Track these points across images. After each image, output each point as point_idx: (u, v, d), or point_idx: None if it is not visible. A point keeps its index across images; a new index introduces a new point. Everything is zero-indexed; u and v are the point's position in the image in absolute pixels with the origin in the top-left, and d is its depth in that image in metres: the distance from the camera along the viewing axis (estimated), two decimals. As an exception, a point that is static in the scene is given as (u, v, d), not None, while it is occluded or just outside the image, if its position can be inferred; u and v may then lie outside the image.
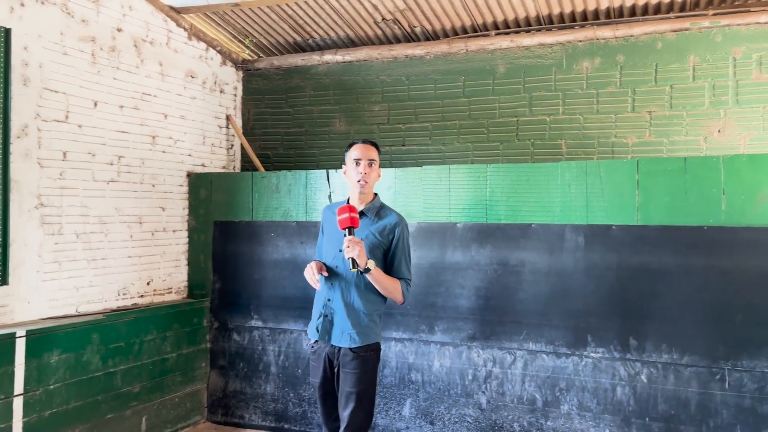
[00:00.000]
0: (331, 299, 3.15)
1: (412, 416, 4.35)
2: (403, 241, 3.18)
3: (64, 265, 4.07)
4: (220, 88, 5.52)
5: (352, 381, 3.07)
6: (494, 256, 4.16)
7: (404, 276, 3.19)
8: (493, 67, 5.04)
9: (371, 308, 3.14)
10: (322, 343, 3.17)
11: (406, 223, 3.24)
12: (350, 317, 3.09)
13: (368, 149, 3.16)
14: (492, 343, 4.15)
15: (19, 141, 3.78)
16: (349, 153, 3.19)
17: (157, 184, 4.82)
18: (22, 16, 3.81)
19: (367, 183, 3.14)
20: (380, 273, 3.07)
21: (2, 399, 3.49)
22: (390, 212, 3.23)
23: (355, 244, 2.91)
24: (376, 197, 3.25)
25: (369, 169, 3.13)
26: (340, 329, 3.10)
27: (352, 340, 3.08)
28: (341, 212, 2.98)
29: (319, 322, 3.17)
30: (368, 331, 3.12)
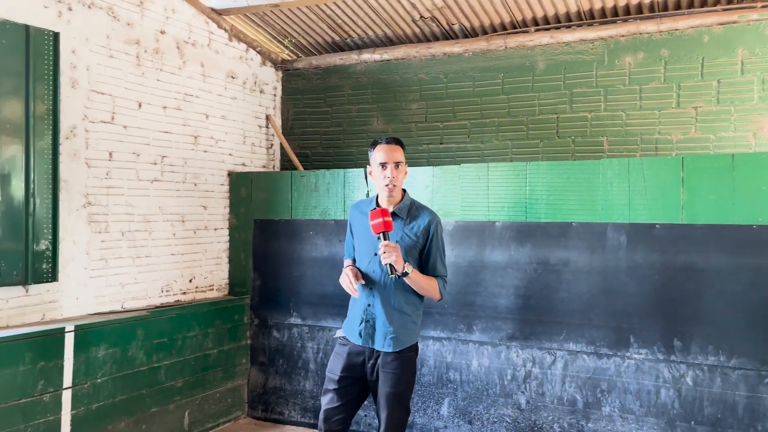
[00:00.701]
0: (371, 304, 3.08)
1: (450, 415, 4.33)
2: (437, 238, 3.12)
3: (111, 262, 4.19)
4: (260, 88, 5.60)
5: (394, 382, 3.02)
6: (534, 255, 4.11)
7: (441, 273, 3.15)
8: (533, 64, 4.98)
9: (411, 309, 3.10)
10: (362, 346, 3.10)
11: (439, 218, 3.17)
12: (393, 321, 3.04)
13: (393, 150, 3.06)
14: (531, 342, 4.11)
15: (68, 142, 3.90)
16: (374, 154, 3.09)
17: (199, 183, 4.91)
18: (70, 20, 3.92)
19: (396, 186, 3.07)
20: (418, 275, 3.02)
21: (52, 392, 3.61)
22: (422, 209, 3.16)
23: (391, 250, 2.87)
24: (405, 195, 3.17)
25: (396, 172, 3.05)
26: (383, 333, 3.05)
27: (396, 344, 3.04)
28: (374, 217, 2.92)
29: (362, 328, 3.09)
30: (410, 333, 3.09)
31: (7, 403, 3.37)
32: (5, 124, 3.50)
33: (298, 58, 5.84)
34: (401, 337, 3.05)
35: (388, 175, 3.04)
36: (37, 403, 3.53)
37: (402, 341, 3.05)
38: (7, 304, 3.59)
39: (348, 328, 3.18)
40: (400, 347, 3.04)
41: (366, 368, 3.09)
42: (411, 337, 3.09)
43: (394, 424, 3.02)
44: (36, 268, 3.66)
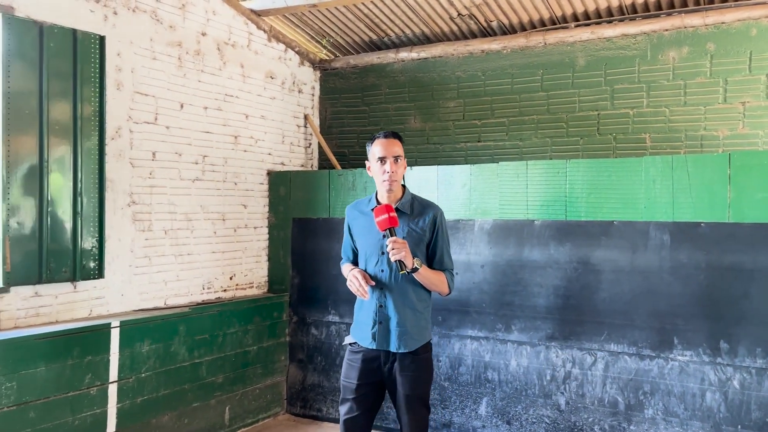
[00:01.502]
0: (383, 305, 2.99)
1: (489, 415, 4.31)
2: (443, 231, 3.06)
3: (154, 260, 4.29)
4: (298, 88, 5.65)
5: (414, 384, 2.97)
6: (574, 254, 4.05)
7: (448, 267, 3.08)
8: (573, 60, 4.90)
9: (423, 306, 3.04)
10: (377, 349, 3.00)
11: (442, 211, 3.11)
12: (407, 320, 2.97)
13: (391, 144, 2.99)
14: (571, 343, 4.05)
15: (113, 142, 4.01)
16: (372, 149, 3.03)
17: (239, 182, 4.99)
18: (115, 24, 4.03)
19: (396, 181, 2.99)
20: (426, 270, 2.96)
21: (99, 385, 3.72)
22: (425, 203, 3.09)
23: (400, 246, 2.80)
24: (406, 190, 3.08)
25: (395, 166, 2.97)
26: (398, 334, 2.96)
27: (412, 343, 2.97)
28: (379, 213, 2.85)
29: (375, 331, 2.98)
30: (424, 331, 3.03)
31: (57, 396, 3.49)
32: (54, 126, 3.62)
33: (335, 57, 5.87)
34: (416, 335, 2.98)
35: (387, 170, 2.96)
36: (85, 396, 3.64)
37: (417, 340, 2.98)
38: (56, 299, 3.71)
39: (358, 333, 3.07)
40: (416, 346, 2.98)
41: (383, 372, 3.01)
42: (425, 335, 3.03)
43: (419, 425, 2.98)
44: (83, 265, 3.77)
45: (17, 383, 3.31)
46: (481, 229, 4.37)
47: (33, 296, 3.61)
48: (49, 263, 3.60)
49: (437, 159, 5.36)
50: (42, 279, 3.58)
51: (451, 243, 4.42)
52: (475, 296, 4.36)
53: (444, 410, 4.46)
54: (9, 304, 3.49)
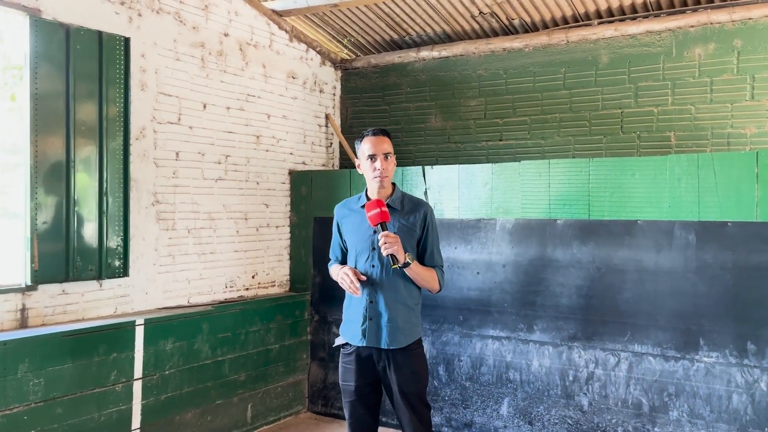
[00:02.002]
0: (374, 301, 2.98)
1: (510, 415, 4.28)
2: (433, 227, 3.08)
3: (177, 258, 4.33)
4: (319, 87, 5.67)
5: (410, 380, 2.96)
6: (597, 254, 4.01)
7: (438, 263, 3.09)
8: (596, 58, 4.85)
9: (414, 302, 3.04)
10: (367, 347, 2.99)
11: (432, 208, 3.14)
12: (399, 316, 2.97)
13: (381, 141, 2.99)
14: (594, 343, 4.01)
15: (138, 142, 4.06)
16: (361, 147, 3.03)
17: (261, 181, 5.02)
18: (140, 26, 4.08)
19: (387, 177, 2.99)
20: (418, 265, 2.97)
21: (124, 382, 3.77)
22: (416, 200, 3.12)
23: (392, 240, 2.82)
24: (396, 188, 3.10)
25: (386, 163, 2.97)
26: (389, 330, 2.95)
27: (404, 339, 2.96)
28: (370, 209, 2.86)
29: (365, 327, 2.97)
30: (415, 326, 3.03)
31: (83, 392, 3.55)
32: (81, 126, 3.68)
33: (356, 57, 5.88)
34: (407, 332, 2.98)
35: (378, 167, 2.96)
36: (110, 393, 3.69)
37: (408, 336, 2.98)
38: (82, 297, 3.78)
39: (348, 332, 3.06)
40: (407, 342, 2.98)
41: (377, 369, 3.01)
42: (416, 331, 3.04)
43: (423, 422, 2.97)
44: (109, 263, 3.83)
45: (45, 379, 3.37)
46: (503, 229, 4.34)
47: (60, 294, 3.67)
48: (76, 262, 3.66)
49: (458, 158, 5.35)
50: (69, 277, 3.64)
51: (473, 241, 4.42)
52: (497, 296, 4.34)
53: (465, 410, 4.45)
54: (37, 302, 3.56)
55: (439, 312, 4.58)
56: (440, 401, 4.56)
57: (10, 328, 3.44)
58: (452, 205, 4.55)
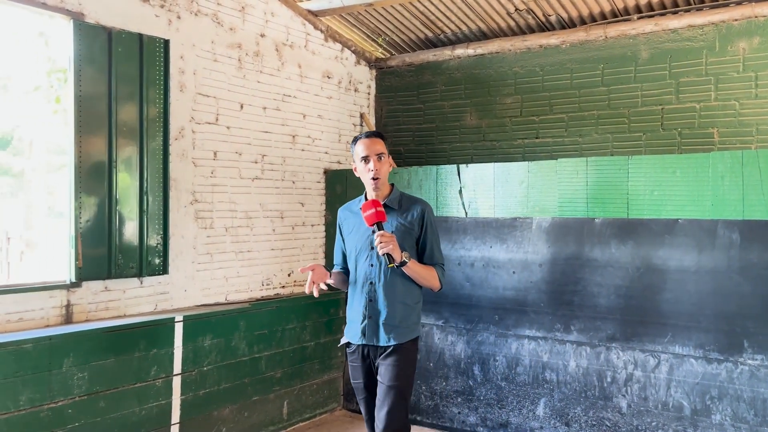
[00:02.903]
0: (373, 299, 3.04)
1: (547, 416, 4.24)
2: (432, 225, 3.10)
3: (215, 256, 4.40)
4: (354, 87, 5.69)
5: (393, 374, 2.95)
6: (636, 253, 3.94)
7: (438, 261, 3.11)
8: (635, 53, 4.76)
9: (413, 301, 3.07)
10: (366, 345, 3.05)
11: (431, 207, 3.15)
12: (397, 314, 3.00)
13: (374, 143, 3.03)
14: (633, 344, 3.94)
15: (177, 142, 4.14)
16: (355, 150, 3.06)
17: (297, 180, 5.07)
18: (179, 28, 4.16)
19: (380, 178, 3.02)
20: (416, 264, 2.99)
21: (164, 377, 3.85)
22: (414, 199, 3.14)
23: (388, 239, 2.83)
24: (393, 188, 3.14)
25: (379, 164, 3.01)
26: (387, 328, 3.00)
27: (400, 337, 2.99)
28: (366, 209, 2.90)
29: (364, 325, 3.04)
30: (413, 325, 3.06)
31: (125, 387, 3.63)
32: (122, 127, 3.77)
33: (391, 55, 5.89)
34: (405, 330, 3.01)
35: (371, 168, 3.00)
36: (151, 388, 3.78)
37: (405, 334, 3.01)
38: (124, 294, 3.87)
39: (350, 331, 3.13)
40: (404, 340, 3.00)
41: (374, 366, 3.06)
42: (414, 330, 3.06)
43: (393, 421, 2.89)
44: (149, 261, 3.91)
45: (88, 374, 3.46)
46: (539, 228, 4.30)
47: (103, 291, 3.76)
48: (118, 259, 3.75)
49: (494, 156, 5.31)
50: (111, 274, 3.73)
51: (508, 240, 4.38)
52: (533, 296, 4.30)
53: (501, 410, 4.42)
54: (81, 298, 3.66)
55: (474, 312, 4.55)
56: (475, 401, 4.54)
57: (56, 324, 3.54)
58: (487, 204, 4.51)
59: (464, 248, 4.60)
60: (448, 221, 4.68)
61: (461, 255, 4.61)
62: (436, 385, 4.72)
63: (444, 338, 4.69)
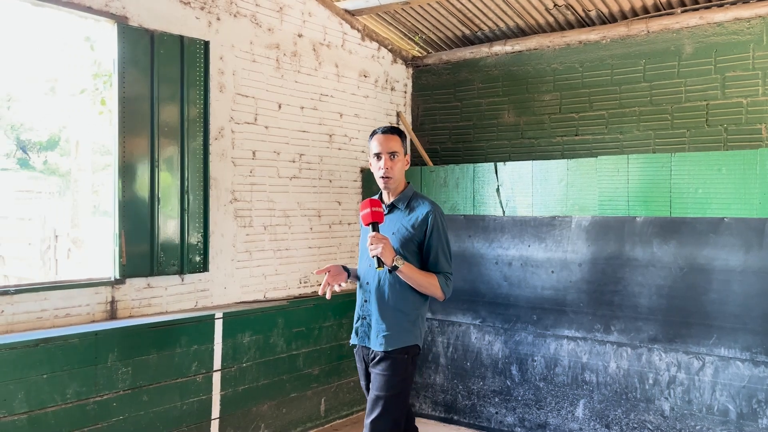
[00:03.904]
0: (367, 300, 2.95)
1: (586, 418, 4.17)
2: (438, 230, 2.88)
3: (254, 254, 4.46)
4: (391, 85, 5.70)
5: (380, 384, 2.82)
6: (679, 253, 3.85)
7: (443, 269, 2.90)
8: (679, 48, 4.64)
9: (408, 308, 2.89)
10: (361, 346, 2.99)
11: (440, 210, 2.95)
12: (386, 318, 2.87)
13: (388, 140, 2.89)
14: (676, 346, 3.85)
15: (217, 142, 4.21)
16: (370, 145, 2.95)
17: (334, 179, 5.10)
18: (219, 29, 4.22)
19: (391, 178, 2.90)
20: (412, 269, 2.81)
21: (204, 373, 3.92)
22: (422, 201, 2.95)
23: (378, 241, 2.71)
24: (408, 186, 2.99)
25: (391, 163, 2.88)
26: (376, 331, 2.89)
27: (388, 343, 2.84)
28: (363, 207, 2.80)
29: (359, 325, 2.98)
30: (404, 332, 2.87)
31: (167, 382, 3.71)
32: (164, 127, 3.85)
33: (428, 54, 5.87)
34: (394, 335, 2.85)
35: (382, 166, 2.88)
36: (192, 383, 3.85)
37: (395, 340, 2.84)
38: (166, 291, 3.95)
39: (353, 330, 3.07)
40: (392, 347, 2.84)
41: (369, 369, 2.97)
42: (406, 338, 2.87)
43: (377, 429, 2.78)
44: (190, 259, 3.99)
45: (132, 368, 3.55)
46: (579, 226, 4.23)
47: (145, 287, 3.85)
48: (160, 257, 3.84)
49: (532, 154, 5.25)
50: (153, 272, 3.82)
51: (547, 239, 4.32)
52: (572, 295, 4.24)
53: (539, 411, 4.37)
54: (125, 295, 3.75)
55: (511, 311, 4.51)
56: (513, 401, 4.50)
57: (101, 319, 3.64)
58: (525, 202, 4.47)
59: (501, 247, 4.57)
60: (485, 220, 4.65)
61: (498, 254, 4.58)
62: (474, 384, 4.70)
63: (481, 338, 4.66)
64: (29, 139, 27.02)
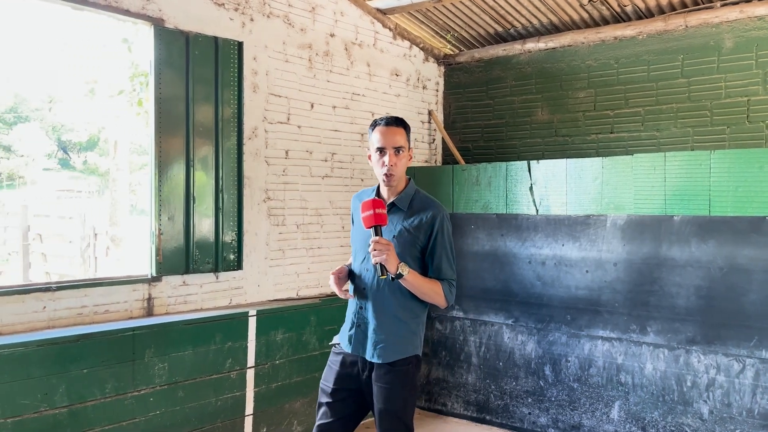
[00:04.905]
0: (363, 307, 2.69)
1: (621, 420, 4.11)
2: (443, 234, 2.65)
3: (287, 252, 4.51)
4: (422, 84, 5.69)
5: (387, 397, 2.61)
6: (719, 253, 3.76)
7: (446, 276, 2.66)
8: (718, 43, 4.53)
9: (409, 317, 2.66)
10: (353, 354, 2.71)
11: (446, 212, 2.70)
12: (384, 328, 2.63)
13: (393, 133, 2.63)
14: (715, 348, 3.76)
15: (250, 142, 4.26)
16: (371, 137, 2.67)
17: (366, 178, 5.11)
18: (252, 30, 4.27)
19: (395, 175, 2.64)
20: (416, 277, 2.57)
21: (238, 370, 3.98)
22: (426, 201, 2.71)
23: (383, 247, 2.45)
24: (410, 183, 2.73)
25: (395, 159, 2.61)
26: (373, 341, 2.63)
27: (387, 354, 2.62)
28: (365, 209, 2.51)
29: (352, 333, 2.71)
30: (405, 343, 2.65)
31: (202, 378, 3.78)
32: (199, 128, 3.91)
33: (460, 51, 5.84)
34: (393, 346, 2.62)
35: (386, 162, 2.61)
36: (226, 380, 3.91)
37: (394, 351, 2.62)
38: (201, 289, 4.02)
39: (342, 334, 2.81)
40: (393, 358, 2.61)
41: (361, 380, 2.69)
42: (406, 348, 2.65)
43: None
44: (224, 257, 4.05)
45: (168, 364, 3.62)
46: (614, 225, 4.16)
47: (181, 285, 3.92)
48: (195, 255, 3.90)
49: (566, 152, 5.18)
50: (189, 269, 3.88)
51: (581, 238, 4.27)
52: (607, 295, 4.17)
53: (573, 412, 4.32)
54: (161, 292, 3.83)
55: (545, 311, 4.46)
56: (546, 402, 4.45)
57: (138, 316, 3.72)
58: (559, 201, 4.41)
59: (535, 246, 4.52)
60: (517, 219, 4.61)
61: (531, 253, 4.53)
62: (506, 384, 4.66)
63: (514, 337, 4.63)
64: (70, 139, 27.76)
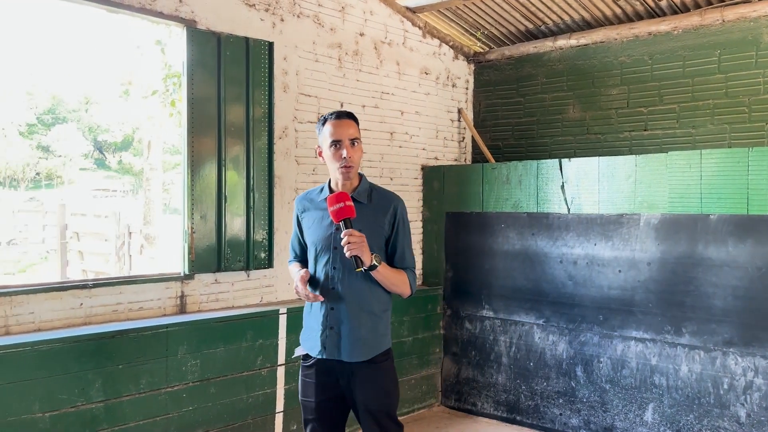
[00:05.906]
0: (335, 308, 2.61)
1: (655, 422, 4.03)
2: (404, 224, 2.70)
3: (317, 251, 4.53)
4: (452, 82, 5.66)
5: (378, 396, 2.61)
6: (757, 252, 3.66)
7: (409, 264, 2.70)
8: (757, 37, 4.41)
9: (381, 309, 2.66)
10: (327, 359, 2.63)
11: (404, 203, 2.75)
12: (363, 325, 2.60)
13: (347, 126, 2.61)
14: (753, 350, 3.67)
15: (281, 141, 4.29)
16: (323, 132, 2.63)
17: (395, 177, 5.11)
18: (282, 30, 4.30)
19: (353, 167, 2.60)
20: (387, 267, 2.59)
21: (269, 367, 4.01)
22: (385, 193, 2.73)
23: (357, 239, 2.44)
24: (363, 178, 2.70)
25: (352, 150, 2.58)
26: (351, 341, 2.59)
27: (368, 351, 2.60)
28: (332, 203, 2.48)
29: (324, 338, 2.61)
30: (382, 337, 2.65)
31: (233, 375, 3.82)
32: (230, 127, 3.95)
33: (490, 49, 5.80)
34: (373, 342, 2.61)
35: (344, 155, 2.57)
36: (257, 377, 3.95)
37: (374, 347, 2.61)
38: (232, 287, 4.06)
39: (308, 342, 2.71)
40: (372, 354, 2.60)
41: (340, 385, 2.65)
42: (383, 342, 2.66)
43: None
44: (255, 255, 4.09)
45: (200, 361, 3.67)
46: (648, 224, 4.09)
47: (213, 283, 3.97)
48: (226, 253, 3.95)
49: (598, 150, 5.11)
50: (220, 268, 3.93)
51: (614, 238, 4.21)
52: (640, 295, 4.10)
53: (605, 414, 4.26)
54: (194, 290, 3.88)
55: (576, 311, 4.41)
56: (578, 403, 4.39)
57: (171, 313, 3.78)
58: (591, 200, 4.35)
59: (566, 245, 4.47)
60: (548, 217, 4.56)
61: (563, 252, 4.48)
62: (537, 385, 4.62)
63: (545, 337, 4.58)
64: (105, 140, 28.34)
